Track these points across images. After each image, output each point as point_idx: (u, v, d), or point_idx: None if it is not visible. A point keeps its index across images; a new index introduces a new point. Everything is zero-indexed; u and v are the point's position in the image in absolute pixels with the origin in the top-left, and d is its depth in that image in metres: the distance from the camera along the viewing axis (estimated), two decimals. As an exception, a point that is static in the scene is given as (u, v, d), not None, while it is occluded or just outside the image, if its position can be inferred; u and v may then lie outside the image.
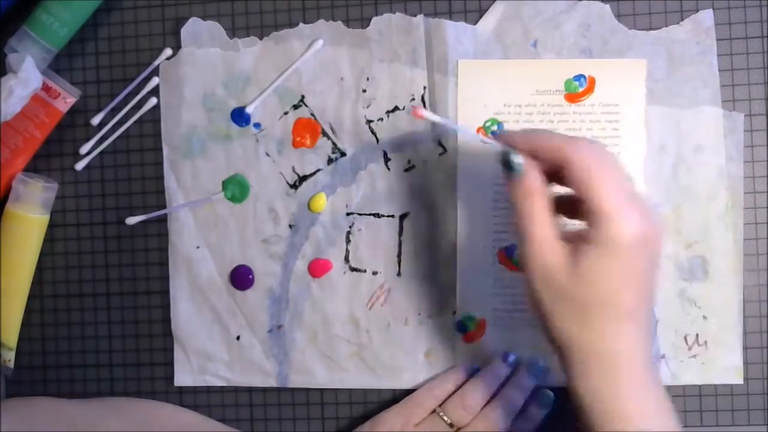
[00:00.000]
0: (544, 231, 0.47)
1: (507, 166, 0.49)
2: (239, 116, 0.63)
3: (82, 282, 0.65)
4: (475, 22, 0.61)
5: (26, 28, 0.61)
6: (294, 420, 0.63)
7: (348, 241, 0.62)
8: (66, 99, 0.63)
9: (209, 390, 0.64)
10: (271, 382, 0.63)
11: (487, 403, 0.58)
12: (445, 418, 0.58)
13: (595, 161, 0.46)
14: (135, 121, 0.64)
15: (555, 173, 0.48)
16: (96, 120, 0.64)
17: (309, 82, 0.62)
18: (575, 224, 0.49)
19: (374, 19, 0.62)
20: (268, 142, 0.63)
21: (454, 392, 0.59)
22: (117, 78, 0.65)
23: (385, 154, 0.62)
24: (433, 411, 0.58)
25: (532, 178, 0.48)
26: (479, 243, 0.61)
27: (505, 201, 0.61)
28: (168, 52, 0.63)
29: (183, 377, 0.64)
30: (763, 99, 0.60)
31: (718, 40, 0.60)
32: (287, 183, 0.63)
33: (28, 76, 0.59)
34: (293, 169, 0.63)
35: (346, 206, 0.62)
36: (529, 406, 0.58)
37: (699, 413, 0.60)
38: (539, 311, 0.48)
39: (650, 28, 0.60)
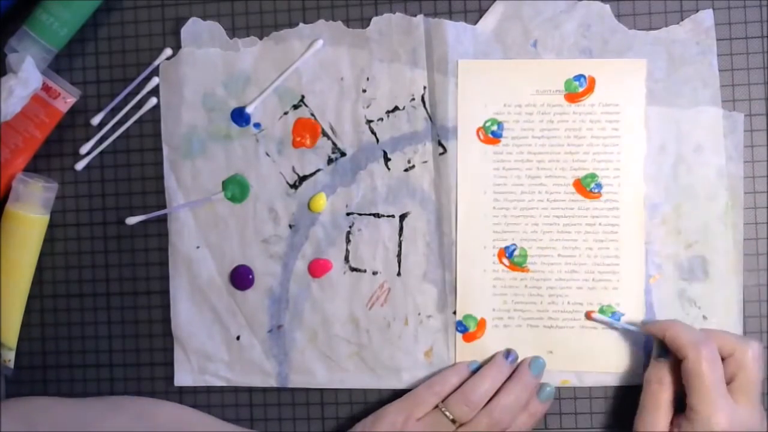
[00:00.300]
0: (663, 421, 0.55)
1: (661, 353, 0.56)
2: (239, 116, 0.63)
3: (82, 282, 0.65)
4: (475, 22, 0.61)
5: (26, 28, 0.61)
6: (294, 420, 0.63)
7: (348, 241, 0.62)
8: (66, 99, 0.63)
9: (209, 390, 0.64)
10: (271, 382, 0.63)
11: (490, 399, 0.58)
12: (448, 413, 0.58)
13: (706, 366, 0.53)
14: (135, 121, 0.64)
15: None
16: (96, 120, 0.64)
17: (309, 82, 0.62)
18: None
19: (374, 19, 0.62)
20: (268, 142, 0.63)
21: (456, 388, 0.59)
22: (117, 78, 0.65)
23: (385, 154, 0.62)
24: (436, 407, 0.58)
25: (670, 369, 0.56)
26: (479, 243, 0.61)
27: (505, 201, 0.61)
28: (168, 52, 0.63)
29: (183, 377, 0.64)
30: (763, 99, 0.60)
31: (718, 40, 0.60)
32: (287, 183, 0.63)
33: (28, 76, 0.59)
34: (293, 169, 0.63)
35: (346, 206, 0.62)
36: (531, 402, 0.58)
37: (699, 413, 0.60)
38: None
39: (650, 28, 0.60)
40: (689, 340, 0.54)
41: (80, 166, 0.64)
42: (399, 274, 0.62)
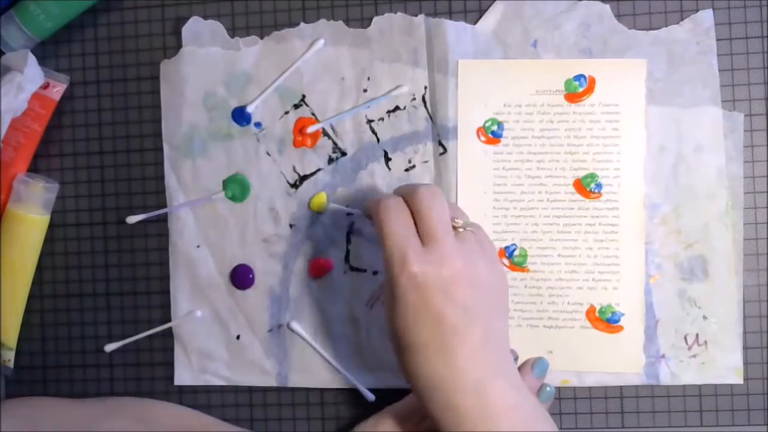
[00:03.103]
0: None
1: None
2: (240, 115, 0.63)
3: (82, 282, 0.65)
4: (475, 22, 0.61)
5: (13, 13, 0.61)
6: (294, 420, 0.63)
7: (348, 240, 0.62)
8: (55, 88, 0.63)
9: (209, 390, 0.64)
10: (271, 382, 0.63)
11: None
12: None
13: (382, 214, 0.51)
14: (135, 121, 0.64)
15: None
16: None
17: (310, 81, 0.62)
18: None
19: (375, 19, 0.62)
20: (268, 141, 0.63)
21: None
22: (117, 78, 0.65)
23: (385, 153, 0.62)
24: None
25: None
26: (479, 243, 0.61)
27: (505, 200, 0.61)
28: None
29: (183, 376, 0.64)
30: (763, 99, 0.60)
31: (718, 40, 0.60)
32: (288, 182, 0.63)
33: (34, 72, 0.59)
34: (294, 168, 0.63)
35: (347, 206, 0.62)
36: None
37: (699, 413, 0.60)
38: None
39: (650, 28, 0.60)
40: (374, 200, 0.52)
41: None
42: (399, 273, 0.62)
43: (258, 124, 0.63)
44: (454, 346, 0.48)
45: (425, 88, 0.62)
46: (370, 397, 0.62)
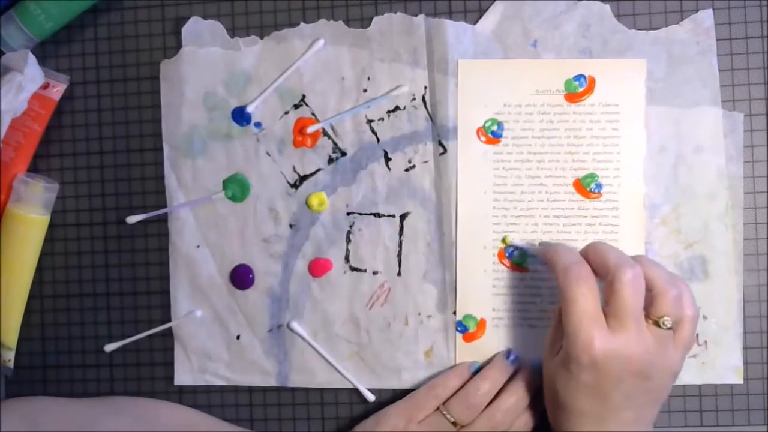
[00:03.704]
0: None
1: None
2: (240, 115, 0.63)
3: (82, 282, 0.65)
4: (475, 22, 0.61)
5: (13, 13, 0.61)
6: (294, 420, 0.63)
7: (348, 240, 0.62)
8: (55, 87, 0.63)
9: (209, 390, 0.64)
10: (271, 382, 0.63)
11: (491, 401, 0.58)
12: (449, 416, 0.58)
13: (572, 287, 0.51)
14: (135, 121, 0.64)
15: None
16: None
17: (310, 81, 0.62)
18: None
19: (375, 19, 0.62)
20: (268, 141, 0.63)
21: (458, 390, 0.59)
22: (117, 78, 0.65)
23: (385, 153, 0.62)
24: (437, 409, 0.58)
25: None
26: (479, 243, 0.61)
27: (505, 200, 0.61)
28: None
29: (183, 376, 0.64)
30: (763, 99, 0.60)
31: (718, 40, 0.60)
32: (288, 182, 0.63)
33: (34, 72, 0.59)
34: (294, 168, 0.63)
35: (347, 206, 0.62)
36: (532, 403, 0.58)
37: (699, 413, 0.60)
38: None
39: (650, 28, 0.60)
40: (561, 261, 0.53)
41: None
42: (399, 274, 0.62)
43: (258, 124, 0.63)
44: (609, 422, 0.51)
45: (425, 88, 0.61)
46: (370, 397, 0.62)
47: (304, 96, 0.63)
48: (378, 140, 0.62)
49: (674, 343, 0.52)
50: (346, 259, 0.62)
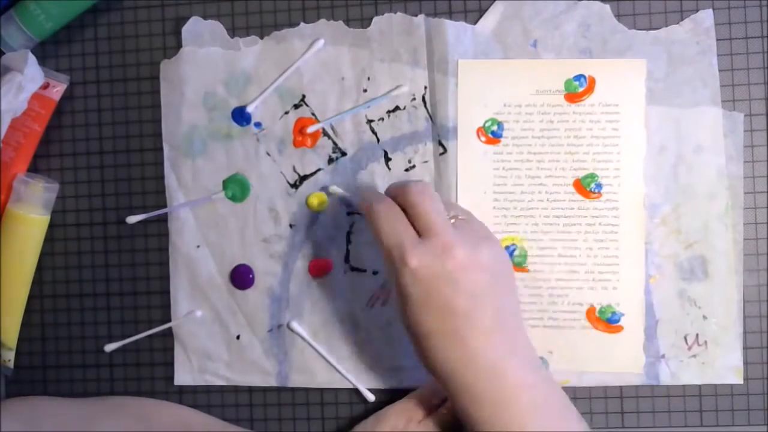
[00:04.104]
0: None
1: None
2: (240, 115, 0.63)
3: (82, 282, 0.65)
4: (475, 22, 0.61)
5: (13, 13, 0.61)
6: (294, 420, 0.63)
7: (348, 240, 0.62)
8: (55, 87, 0.63)
9: (209, 390, 0.64)
10: (271, 382, 0.63)
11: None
12: (449, 415, 0.58)
13: (376, 215, 0.51)
14: (135, 121, 0.64)
15: None
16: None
17: (310, 81, 0.62)
18: None
19: (375, 19, 0.62)
20: (268, 141, 0.63)
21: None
22: (117, 78, 0.65)
23: (385, 153, 0.62)
24: (437, 408, 0.58)
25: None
26: (479, 243, 0.61)
27: (505, 200, 0.61)
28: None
29: (183, 376, 0.64)
30: (763, 99, 0.60)
31: (718, 40, 0.60)
32: (288, 182, 0.63)
33: (34, 72, 0.59)
34: (294, 168, 0.63)
35: (347, 206, 0.62)
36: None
37: (699, 413, 0.60)
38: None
39: (650, 28, 0.60)
40: (365, 199, 0.53)
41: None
42: (399, 273, 0.62)
43: (258, 124, 0.63)
44: (465, 330, 0.49)
45: (425, 88, 0.62)
46: (370, 397, 0.62)
47: (304, 96, 0.63)
48: (378, 140, 0.62)
49: (479, 233, 0.52)
50: (346, 259, 0.62)
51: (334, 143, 0.62)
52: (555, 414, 0.50)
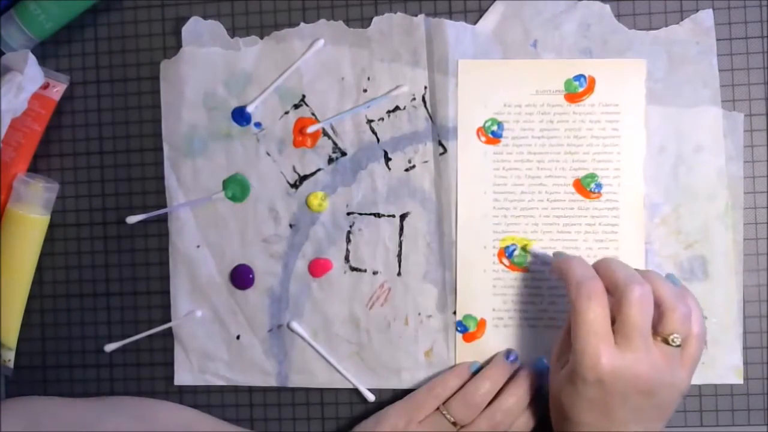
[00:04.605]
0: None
1: None
2: (240, 115, 0.63)
3: (82, 282, 0.65)
4: (475, 22, 0.61)
5: (13, 13, 0.61)
6: (294, 420, 0.63)
7: (348, 240, 0.62)
8: (55, 88, 0.63)
9: (209, 390, 0.64)
10: (271, 382, 0.63)
11: (491, 401, 0.58)
12: (449, 416, 0.58)
13: (582, 302, 0.51)
14: (135, 121, 0.64)
15: None
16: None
17: (310, 81, 0.62)
18: None
19: (375, 19, 0.62)
20: (268, 141, 0.63)
21: (458, 390, 0.59)
22: (117, 78, 0.65)
23: (385, 153, 0.62)
24: (437, 409, 0.58)
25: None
26: (479, 243, 0.61)
27: (505, 200, 0.61)
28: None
29: (183, 376, 0.64)
30: (763, 99, 0.60)
31: (718, 40, 0.60)
32: (288, 182, 0.63)
33: (34, 72, 0.59)
34: (294, 168, 0.63)
35: (347, 206, 0.62)
36: (532, 403, 0.58)
37: (699, 413, 0.60)
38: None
39: (650, 28, 0.60)
40: (574, 276, 0.52)
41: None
42: (399, 274, 0.62)
43: (258, 124, 0.63)
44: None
45: (425, 88, 0.62)
46: (370, 397, 0.62)
47: (304, 96, 0.63)
48: (378, 140, 0.62)
49: (681, 361, 0.52)
50: (346, 259, 0.62)
51: (334, 143, 0.62)
52: None
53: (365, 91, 0.62)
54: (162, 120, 0.64)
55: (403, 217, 0.62)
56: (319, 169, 0.63)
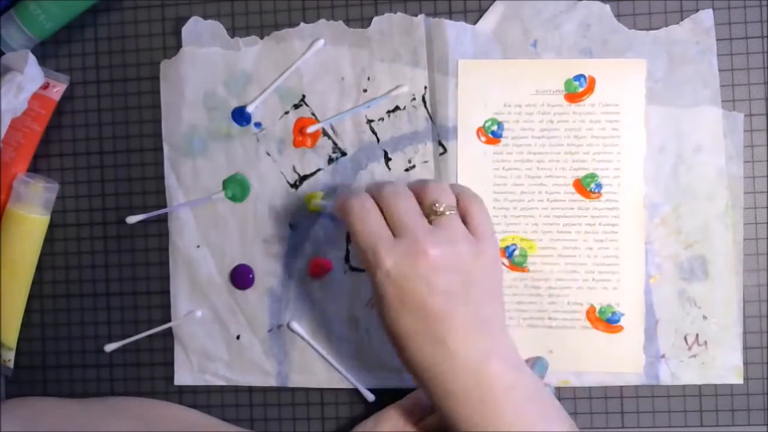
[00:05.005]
0: None
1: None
2: (240, 115, 0.63)
3: (82, 282, 0.65)
4: (475, 22, 0.61)
5: (13, 13, 0.61)
6: (294, 420, 0.63)
7: (348, 240, 0.62)
8: (55, 87, 0.63)
9: (209, 390, 0.64)
10: (271, 382, 0.63)
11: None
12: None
13: (350, 214, 0.51)
14: (135, 121, 0.64)
15: None
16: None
17: (310, 81, 0.62)
18: None
19: (375, 19, 0.62)
20: (268, 141, 0.63)
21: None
22: (117, 78, 0.65)
23: (385, 153, 0.62)
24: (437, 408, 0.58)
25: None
26: (479, 243, 0.61)
27: (505, 200, 0.61)
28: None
29: (183, 376, 0.64)
30: (763, 99, 0.60)
31: (718, 40, 0.60)
32: (288, 182, 0.63)
33: (34, 72, 0.60)
34: (294, 168, 0.63)
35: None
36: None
37: (699, 413, 0.60)
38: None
39: (650, 28, 0.60)
40: (341, 198, 0.52)
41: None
42: (399, 273, 0.62)
43: (258, 124, 0.63)
44: (442, 331, 0.49)
45: (425, 88, 0.62)
46: (370, 397, 0.62)
47: (304, 96, 0.63)
48: (378, 140, 0.62)
49: (471, 230, 0.51)
50: (346, 259, 0.62)
51: (334, 143, 0.62)
52: (537, 414, 0.49)
53: (365, 91, 0.62)
54: (162, 120, 0.64)
55: (403, 217, 0.62)
56: (319, 169, 0.63)
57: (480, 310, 0.50)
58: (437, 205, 0.51)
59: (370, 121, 0.62)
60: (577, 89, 0.60)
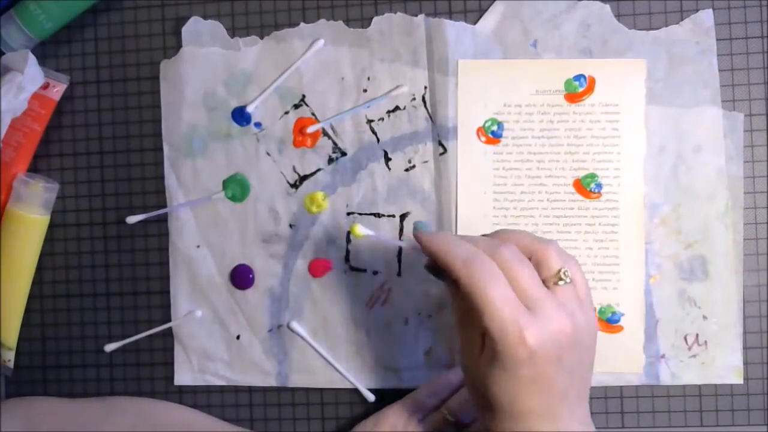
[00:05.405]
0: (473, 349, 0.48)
1: (436, 273, 0.49)
2: (240, 115, 0.63)
3: (82, 282, 0.65)
4: (475, 22, 0.61)
5: (14, 13, 0.62)
6: (294, 420, 0.63)
7: (348, 240, 0.62)
8: (55, 87, 0.63)
9: (209, 390, 0.64)
10: (271, 382, 0.63)
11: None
12: (449, 416, 0.58)
13: (480, 280, 0.45)
14: (135, 121, 0.64)
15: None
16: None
17: (310, 81, 0.62)
18: None
19: (375, 19, 0.62)
20: (268, 141, 0.63)
21: (457, 390, 0.59)
22: (117, 78, 0.65)
23: (385, 153, 0.62)
24: (437, 408, 0.58)
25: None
26: (479, 243, 0.61)
27: (505, 200, 0.61)
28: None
29: (183, 376, 0.64)
30: (763, 99, 0.60)
31: (718, 40, 0.60)
32: (288, 182, 0.63)
33: (34, 72, 0.60)
34: (294, 168, 0.63)
35: (347, 206, 0.62)
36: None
37: (699, 413, 0.60)
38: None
39: (650, 28, 0.60)
40: (457, 256, 0.46)
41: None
42: (399, 274, 0.62)
43: (258, 124, 0.63)
44: (559, 410, 0.46)
45: (425, 88, 0.62)
46: (370, 397, 0.62)
47: (304, 96, 0.63)
48: (378, 140, 0.62)
49: (578, 295, 0.47)
50: (346, 259, 0.62)
51: (334, 143, 0.62)
52: None
53: (365, 91, 0.62)
54: (162, 120, 0.64)
55: (403, 217, 0.62)
56: (319, 169, 0.63)
57: (586, 382, 0.48)
58: (564, 272, 0.47)
59: (370, 121, 0.62)
60: (577, 89, 0.60)
